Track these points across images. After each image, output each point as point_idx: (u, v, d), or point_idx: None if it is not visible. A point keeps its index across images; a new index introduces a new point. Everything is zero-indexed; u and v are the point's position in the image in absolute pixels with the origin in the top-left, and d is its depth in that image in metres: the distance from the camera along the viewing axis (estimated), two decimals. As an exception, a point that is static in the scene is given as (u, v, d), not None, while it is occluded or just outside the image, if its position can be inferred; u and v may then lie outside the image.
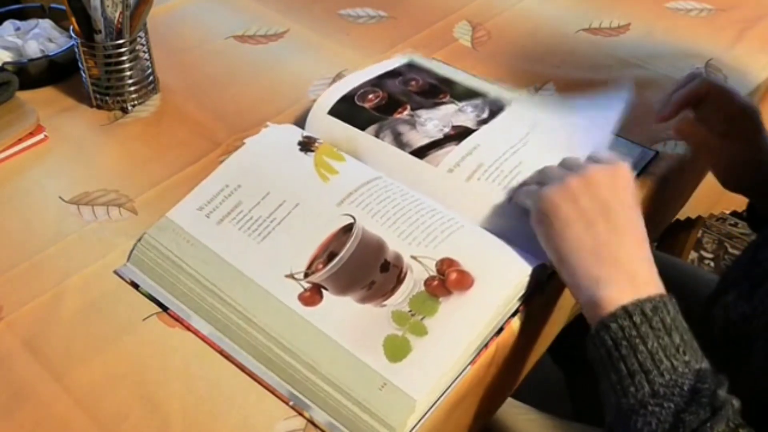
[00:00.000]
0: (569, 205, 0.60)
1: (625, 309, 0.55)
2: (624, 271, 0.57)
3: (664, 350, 0.53)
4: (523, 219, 0.65)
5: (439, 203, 0.68)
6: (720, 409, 0.50)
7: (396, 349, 0.59)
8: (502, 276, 0.63)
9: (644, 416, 0.52)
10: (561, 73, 0.93)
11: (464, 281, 0.62)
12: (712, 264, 1.73)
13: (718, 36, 1.01)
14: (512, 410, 0.81)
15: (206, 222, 0.69)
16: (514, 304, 0.63)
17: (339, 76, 0.91)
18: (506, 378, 0.68)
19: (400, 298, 0.62)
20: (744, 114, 0.75)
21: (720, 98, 0.75)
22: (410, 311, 0.61)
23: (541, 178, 0.66)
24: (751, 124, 0.75)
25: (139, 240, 0.68)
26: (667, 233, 1.33)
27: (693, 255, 1.72)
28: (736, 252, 1.74)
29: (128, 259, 0.68)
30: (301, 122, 0.81)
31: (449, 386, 0.59)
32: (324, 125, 0.78)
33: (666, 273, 0.59)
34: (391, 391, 0.57)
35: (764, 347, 0.58)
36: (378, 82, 0.82)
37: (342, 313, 0.61)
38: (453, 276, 0.62)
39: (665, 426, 0.51)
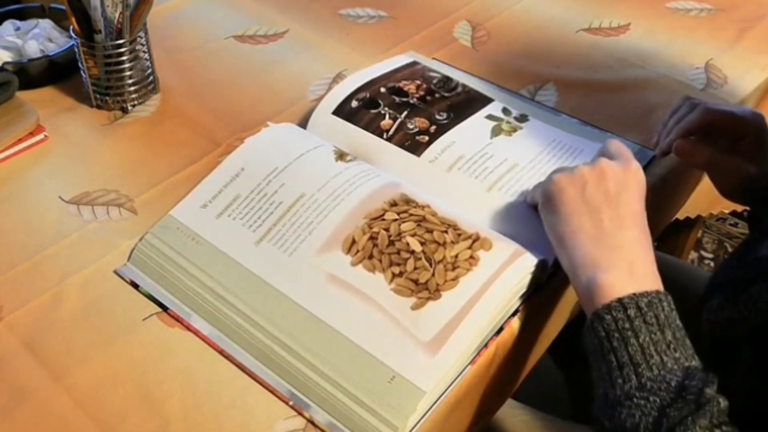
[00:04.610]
0: (576, 190, 0.61)
1: (620, 301, 0.55)
2: (623, 259, 0.58)
3: (655, 345, 0.53)
4: (504, 212, 0.65)
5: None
6: (704, 405, 0.50)
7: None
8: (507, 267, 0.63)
9: (629, 408, 0.52)
10: (561, 73, 0.93)
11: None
12: (712, 264, 1.73)
13: (718, 36, 1.01)
14: (512, 411, 0.81)
15: (211, 219, 0.69)
16: (515, 303, 0.64)
17: (339, 76, 0.91)
18: (506, 378, 0.68)
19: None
20: (753, 131, 0.72)
21: (726, 123, 0.73)
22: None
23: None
24: (760, 139, 0.73)
25: (141, 239, 0.69)
26: (666, 233, 1.33)
27: (693, 255, 1.72)
28: (736, 252, 1.73)
29: (128, 259, 0.68)
30: (301, 122, 0.81)
31: (449, 386, 0.59)
32: (327, 124, 0.78)
33: (666, 273, 0.59)
34: (400, 383, 0.57)
35: (750, 352, 0.57)
36: (378, 85, 0.82)
37: (349, 307, 0.62)
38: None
39: (649, 419, 0.51)
